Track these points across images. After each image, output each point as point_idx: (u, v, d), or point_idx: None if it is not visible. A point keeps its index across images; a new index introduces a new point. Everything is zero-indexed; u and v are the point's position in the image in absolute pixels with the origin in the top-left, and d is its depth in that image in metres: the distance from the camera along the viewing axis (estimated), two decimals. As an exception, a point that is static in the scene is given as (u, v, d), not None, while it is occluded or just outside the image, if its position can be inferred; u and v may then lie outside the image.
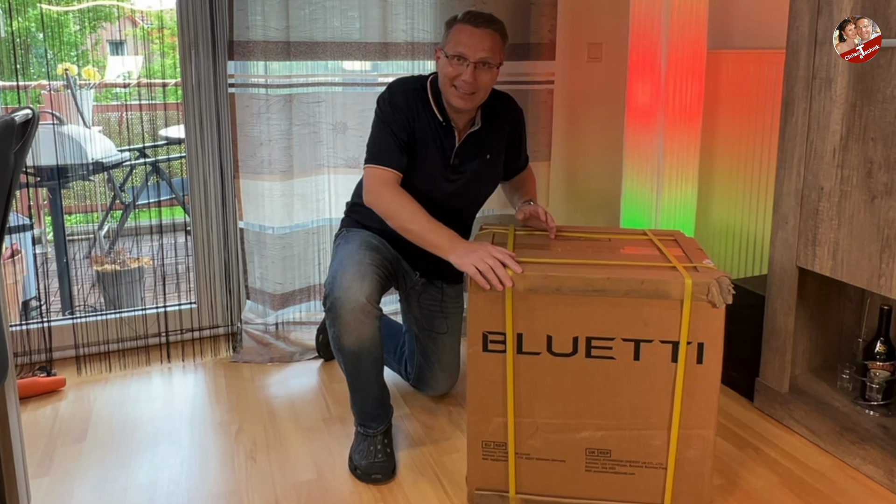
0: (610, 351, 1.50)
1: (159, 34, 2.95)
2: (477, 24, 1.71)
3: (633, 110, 2.43)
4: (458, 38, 1.72)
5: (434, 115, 1.80)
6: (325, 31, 2.28)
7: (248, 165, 2.30)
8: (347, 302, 1.63)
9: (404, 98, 1.79)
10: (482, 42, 1.70)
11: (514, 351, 1.52)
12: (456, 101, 1.75)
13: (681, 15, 2.27)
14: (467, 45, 1.70)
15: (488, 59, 1.71)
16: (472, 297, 1.51)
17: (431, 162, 1.81)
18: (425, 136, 1.80)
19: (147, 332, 2.43)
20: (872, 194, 1.68)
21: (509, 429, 1.55)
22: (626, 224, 2.52)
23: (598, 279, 1.46)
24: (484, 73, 1.72)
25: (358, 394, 1.77)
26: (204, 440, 1.91)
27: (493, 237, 1.73)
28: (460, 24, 1.73)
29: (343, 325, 1.65)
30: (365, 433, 1.78)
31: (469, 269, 1.49)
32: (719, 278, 1.44)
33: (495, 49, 1.73)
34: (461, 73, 1.70)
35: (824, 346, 2.08)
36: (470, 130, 1.84)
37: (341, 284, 1.65)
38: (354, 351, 1.68)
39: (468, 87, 1.71)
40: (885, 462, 1.69)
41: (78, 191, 3.13)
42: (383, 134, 1.77)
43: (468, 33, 1.71)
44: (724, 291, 1.44)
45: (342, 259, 1.73)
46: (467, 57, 1.70)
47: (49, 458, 1.81)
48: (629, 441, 1.53)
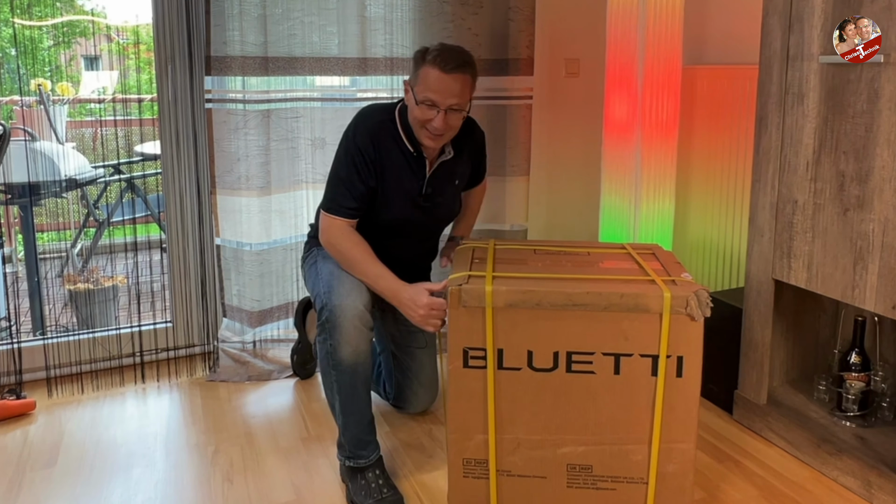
0: (590, 365, 1.49)
1: (135, 49, 2.92)
2: (447, 70, 1.65)
3: (611, 125, 2.46)
4: (426, 83, 1.67)
5: (405, 147, 1.78)
6: (303, 47, 2.28)
7: (226, 181, 2.27)
8: (347, 309, 1.61)
9: (370, 137, 1.74)
10: (452, 88, 1.66)
11: (495, 367, 1.51)
12: (427, 141, 1.74)
13: (656, 31, 2.31)
14: (437, 91, 1.66)
15: (459, 106, 1.69)
16: (453, 312, 1.51)
17: (403, 192, 1.80)
18: (396, 170, 1.78)
19: (121, 353, 2.39)
20: (845, 207, 1.71)
21: (490, 446, 1.54)
22: (605, 238, 2.54)
23: (578, 293, 1.46)
24: (454, 117, 1.71)
25: (352, 417, 1.67)
26: (179, 462, 1.86)
27: (473, 252, 1.72)
28: (429, 67, 1.66)
29: (342, 334, 1.61)
30: (358, 467, 1.67)
31: (426, 329, 1.67)
32: (697, 291, 1.45)
33: (465, 93, 1.70)
34: (431, 119, 1.69)
35: (801, 358, 2.10)
36: (441, 160, 1.83)
37: (339, 293, 1.63)
38: (351, 365, 1.63)
39: (438, 132, 1.71)
40: (863, 473, 1.71)
41: (50, 208, 3.07)
42: (341, 180, 1.75)
43: (438, 79, 1.65)
44: (703, 304, 1.45)
45: (331, 272, 1.71)
46: (437, 104, 1.67)
47: (18, 485, 1.76)
48: (610, 456, 1.53)
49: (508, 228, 2.63)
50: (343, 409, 1.67)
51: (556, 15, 2.74)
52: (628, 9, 2.33)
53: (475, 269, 1.59)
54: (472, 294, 1.49)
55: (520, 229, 2.63)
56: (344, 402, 1.66)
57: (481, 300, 1.48)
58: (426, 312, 1.63)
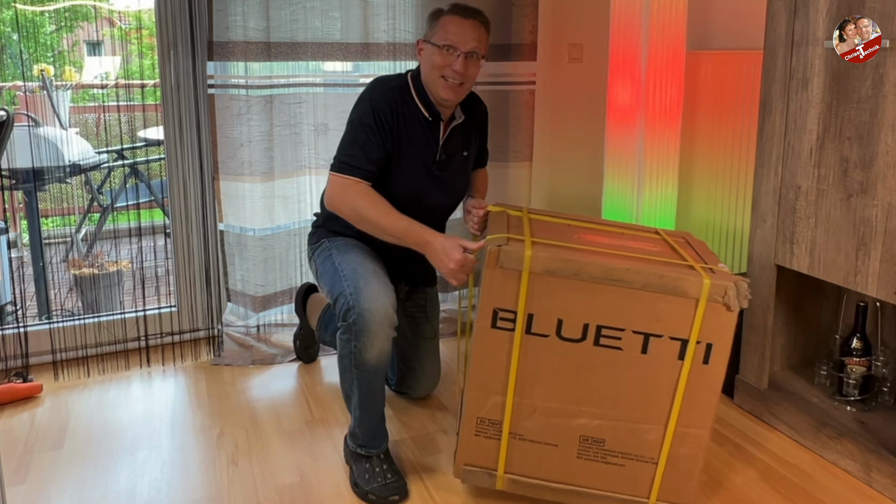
0: (619, 342, 1.48)
1: (137, 34, 2.92)
2: (465, 15, 1.74)
3: (614, 110, 2.45)
4: (447, 28, 1.73)
5: (419, 111, 1.79)
6: (306, 32, 2.27)
7: (229, 167, 2.28)
8: (377, 313, 1.57)
9: (388, 102, 1.75)
10: (472, 32, 1.73)
11: (524, 331, 1.49)
12: (445, 92, 1.74)
13: (660, 16, 2.29)
14: (457, 35, 1.72)
15: (477, 50, 1.74)
16: (488, 272, 1.47)
17: (419, 158, 1.80)
18: (412, 136, 1.78)
19: (126, 337, 2.40)
20: (848, 193, 1.70)
21: (507, 407, 1.53)
22: (608, 224, 2.54)
23: (618, 268, 1.44)
24: (472, 65, 1.75)
25: (368, 412, 1.67)
26: (185, 445, 1.88)
27: (508, 217, 1.69)
28: (448, 16, 1.75)
29: (370, 337, 1.58)
30: (367, 454, 1.69)
31: (448, 276, 1.60)
32: (737, 282, 1.44)
33: (482, 40, 1.76)
34: (451, 63, 1.72)
35: (802, 343, 2.10)
36: (453, 123, 1.84)
37: (368, 295, 1.58)
38: (375, 366, 1.62)
39: (458, 77, 1.72)
40: (863, 456, 1.72)
41: (55, 193, 3.08)
42: (356, 142, 1.73)
43: (457, 24, 1.73)
44: (741, 296, 1.44)
45: (355, 270, 1.67)
46: (458, 47, 1.71)
47: (26, 466, 1.78)
48: (624, 433, 1.53)
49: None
50: (361, 404, 1.67)
51: (559, 0, 2.72)
52: (632, -7, 2.31)
53: (513, 232, 1.56)
54: (511, 256, 1.45)
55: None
56: (363, 399, 1.66)
57: (519, 263, 1.45)
58: (456, 267, 1.59)
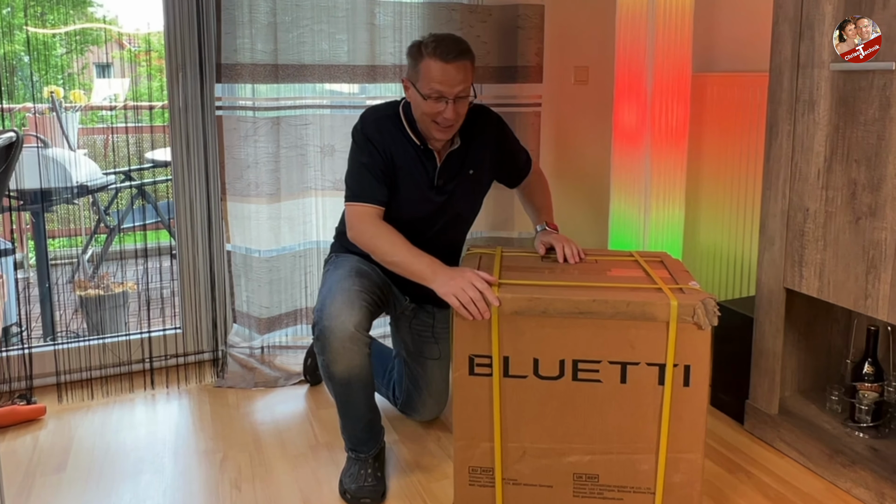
0: (596, 374, 1.49)
1: (146, 57, 2.95)
2: (448, 59, 1.65)
3: (620, 132, 2.45)
4: (430, 75, 1.67)
5: (411, 140, 1.79)
6: (312, 54, 2.29)
7: (235, 188, 2.28)
8: (336, 331, 1.61)
9: (377, 127, 1.77)
10: (457, 75, 1.67)
11: (501, 374, 1.50)
12: (438, 134, 1.74)
13: (666, 38, 2.30)
14: (442, 83, 1.66)
15: (465, 91, 1.70)
16: (458, 320, 1.50)
17: (415, 185, 1.80)
18: (405, 162, 1.79)
19: (131, 359, 2.39)
20: (857, 215, 1.69)
21: (496, 454, 1.53)
22: (615, 245, 2.53)
23: (584, 301, 1.45)
24: (462, 105, 1.72)
25: (348, 419, 1.74)
26: (188, 469, 1.86)
27: (480, 259, 1.72)
28: (430, 60, 1.66)
29: (332, 353, 1.63)
30: (356, 457, 1.76)
31: (451, 301, 1.50)
32: (705, 300, 1.44)
33: (468, 78, 1.70)
34: (442, 111, 1.69)
35: (813, 368, 2.08)
36: (450, 150, 1.83)
37: (330, 313, 1.62)
38: (344, 378, 1.66)
39: (449, 122, 1.71)
40: (877, 484, 1.68)
41: (62, 214, 3.09)
42: (360, 169, 1.76)
43: (441, 70, 1.66)
44: (710, 313, 1.44)
45: (331, 286, 1.71)
46: (445, 95, 1.67)
47: (28, 489, 1.76)
48: (617, 465, 1.52)
49: (517, 236, 2.62)
50: (340, 412, 1.75)
51: (564, 22, 2.74)
52: (637, 16, 2.32)
53: None
54: None
55: (528, 237, 2.62)
56: (341, 407, 1.74)
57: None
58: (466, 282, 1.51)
